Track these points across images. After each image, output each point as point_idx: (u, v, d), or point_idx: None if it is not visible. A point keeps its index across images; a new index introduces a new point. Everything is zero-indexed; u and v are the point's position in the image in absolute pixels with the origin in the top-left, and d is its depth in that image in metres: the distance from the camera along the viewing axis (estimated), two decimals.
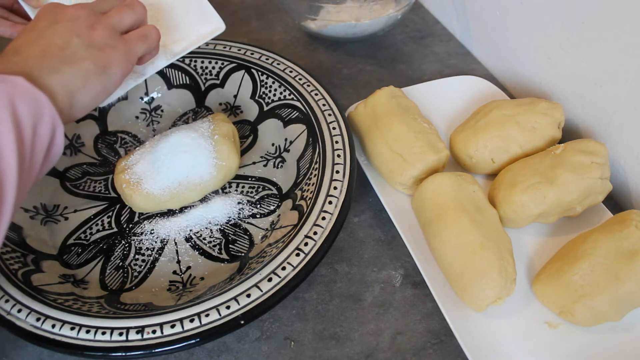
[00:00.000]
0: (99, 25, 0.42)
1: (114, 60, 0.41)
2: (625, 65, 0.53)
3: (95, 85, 0.40)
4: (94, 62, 0.40)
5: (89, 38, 0.40)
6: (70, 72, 0.39)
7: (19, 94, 0.35)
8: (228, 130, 0.58)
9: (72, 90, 0.39)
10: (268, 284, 0.44)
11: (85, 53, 0.40)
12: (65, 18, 0.41)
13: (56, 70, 0.38)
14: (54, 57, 0.39)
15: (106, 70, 0.41)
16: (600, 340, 0.45)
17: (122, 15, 0.44)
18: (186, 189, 0.55)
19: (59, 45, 0.39)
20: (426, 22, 0.85)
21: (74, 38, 0.40)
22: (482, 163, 0.57)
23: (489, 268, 0.45)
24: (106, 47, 0.41)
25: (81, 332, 0.42)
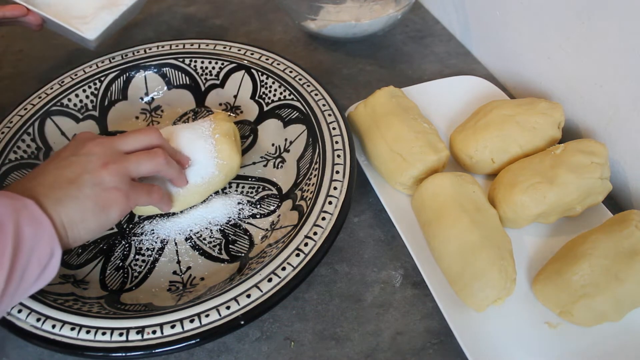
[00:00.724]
0: (112, 166, 0.44)
1: (114, 203, 0.43)
2: (625, 65, 0.53)
3: (91, 222, 0.42)
4: (95, 202, 0.42)
5: (98, 177, 0.43)
6: (72, 206, 0.41)
7: (26, 214, 0.37)
8: (229, 129, 0.58)
9: (70, 223, 0.41)
10: (268, 284, 0.44)
11: (90, 191, 0.42)
12: (83, 152, 0.44)
13: (60, 202, 0.40)
14: (62, 189, 0.41)
15: (105, 210, 0.43)
16: (600, 340, 0.45)
17: (140, 164, 0.46)
18: (188, 191, 0.54)
19: (68, 179, 0.42)
20: (426, 22, 0.85)
21: (85, 174, 0.42)
22: (482, 163, 0.57)
23: (489, 268, 0.45)
24: (112, 189, 0.43)
25: (81, 332, 0.42)
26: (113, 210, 0.43)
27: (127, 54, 0.67)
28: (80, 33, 0.65)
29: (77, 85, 0.64)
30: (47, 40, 0.84)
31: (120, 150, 0.46)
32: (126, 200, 0.44)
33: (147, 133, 0.48)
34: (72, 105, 0.63)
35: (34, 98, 0.62)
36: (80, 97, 0.64)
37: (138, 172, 0.46)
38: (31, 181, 0.41)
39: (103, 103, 0.65)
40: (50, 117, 0.61)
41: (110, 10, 0.68)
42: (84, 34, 0.65)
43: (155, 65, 0.67)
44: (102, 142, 0.45)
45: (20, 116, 0.60)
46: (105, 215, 0.43)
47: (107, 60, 0.67)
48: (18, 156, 0.57)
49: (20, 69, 0.79)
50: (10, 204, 0.37)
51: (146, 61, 0.67)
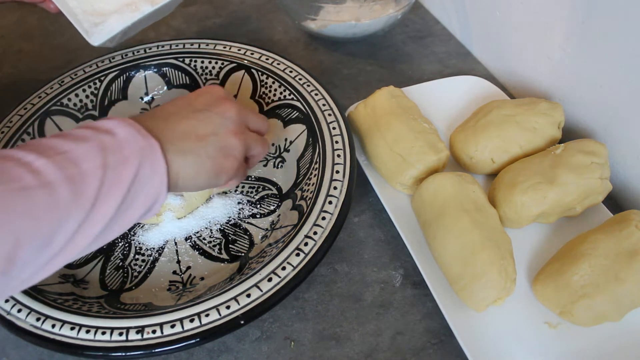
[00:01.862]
0: (239, 137, 0.44)
1: (228, 172, 0.44)
2: (625, 65, 0.53)
3: (202, 181, 0.43)
4: (214, 164, 0.43)
5: (224, 141, 0.43)
6: (192, 161, 0.41)
7: (149, 156, 0.38)
8: None
9: (182, 175, 0.41)
10: (268, 284, 0.44)
11: (213, 152, 0.42)
12: (219, 111, 0.44)
13: (182, 154, 0.41)
14: (188, 141, 0.41)
15: (218, 175, 0.43)
16: (600, 340, 0.45)
17: (256, 146, 0.47)
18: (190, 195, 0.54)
19: (197, 134, 0.42)
20: (426, 22, 0.85)
21: (214, 135, 0.43)
22: (482, 163, 0.57)
23: (489, 268, 0.45)
24: (232, 157, 0.44)
25: (81, 332, 0.42)
26: (224, 177, 0.44)
27: (127, 54, 0.67)
28: (85, 36, 0.64)
29: (77, 85, 0.64)
30: (47, 40, 0.84)
31: (247, 122, 0.47)
32: (235, 172, 0.45)
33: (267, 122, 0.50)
34: (72, 105, 0.63)
35: (34, 98, 0.62)
36: (80, 96, 0.64)
37: (251, 152, 0.47)
38: (164, 122, 0.42)
39: (103, 103, 0.65)
40: (50, 117, 0.61)
41: (122, 16, 0.64)
42: (89, 38, 0.63)
43: (155, 65, 0.67)
44: (237, 109, 0.45)
45: (20, 116, 0.60)
46: (215, 179, 0.43)
47: (107, 60, 0.67)
48: None
49: (20, 69, 0.79)
50: (140, 141, 0.38)
51: (146, 61, 0.67)
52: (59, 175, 0.33)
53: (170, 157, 0.40)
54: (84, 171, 0.34)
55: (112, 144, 0.37)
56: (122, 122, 0.38)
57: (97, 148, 0.36)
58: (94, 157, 0.35)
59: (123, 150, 0.37)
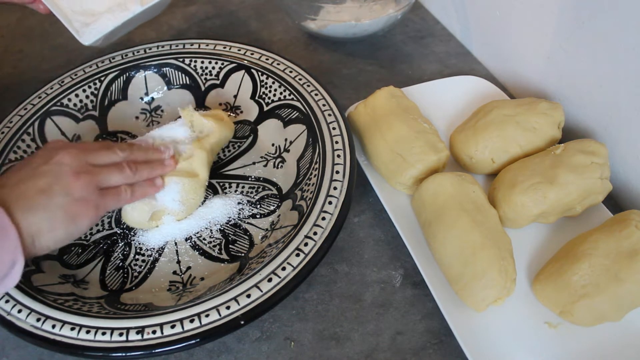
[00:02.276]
0: (83, 177, 0.44)
1: (84, 213, 0.44)
2: (625, 65, 0.53)
3: (60, 232, 0.42)
4: (65, 212, 0.42)
5: (68, 187, 0.43)
6: (42, 215, 0.41)
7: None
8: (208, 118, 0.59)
9: (38, 232, 0.41)
10: (268, 284, 0.44)
11: (60, 201, 0.42)
12: (54, 161, 0.44)
13: (30, 211, 0.41)
14: (33, 199, 0.41)
15: (75, 221, 0.43)
16: (600, 340, 0.45)
17: (110, 177, 0.47)
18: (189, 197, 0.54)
19: (40, 188, 0.42)
20: (426, 22, 0.85)
21: (55, 184, 0.43)
22: (482, 163, 0.57)
23: (489, 268, 0.45)
24: (82, 200, 0.44)
25: (81, 332, 0.42)
26: (82, 221, 0.44)
27: (127, 54, 0.67)
28: (76, 36, 0.64)
29: (77, 85, 0.64)
30: (47, 40, 0.84)
31: (93, 161, 0.47)
32: (95, 211, 0.45)
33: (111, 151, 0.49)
34: (72, 105, 0.63)
35: (34, 98, 0.62)
36: (80, 97, 0.64)
37: (108, 184, 0.47)
38: (6, 187, 0.42)
39: (103, 103, 0.65)
40: (50, 117, 0.61)
41: (113, 16, 0.65)
42: (80, 37, 0.64)
43: (155, 65, 0.67)
44: (72, 152, 0.46)
45: (20, 116, 0.60)
46: (74, 225, 0.43)
47: (107, 60, 0.67)
48: (18, 156, 0.57)
49: (20, 69, 0.79)
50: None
51: (146, 61, 0.67)
52: None
53: (20, 218, 0.40)
54: None
55: None
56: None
57: None
58: None
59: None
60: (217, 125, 0.58)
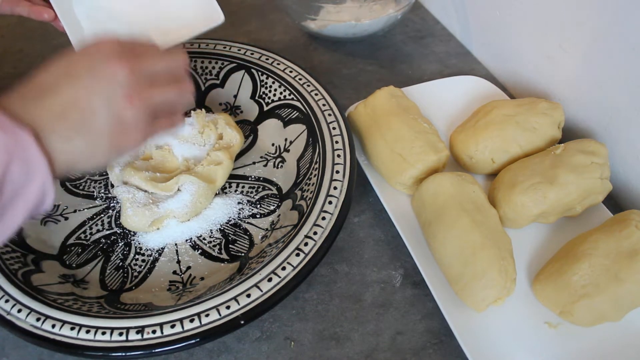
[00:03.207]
0: (138, 100, 0.36)
1: (131, 143, 0.37)
2: (625, 65, 0.53)
3: (100, 160, 0.37)
4: (111, 142, 0.36)
5: (119, 114, 0.35)
6: (82, 145, 0.35)
7: (18, 154, 0.31)
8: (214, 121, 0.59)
9: (75, 161, 0.35)
10: (268, 284, 0.44)
11: (107, 128, 0.35)
12: (106, 74, 0.35)
13: (68, 139, 0.34)
14: (72, 121, 0.34)
15: (119, 150, 0.37)
16: (600, 340, 0.45)
17: (167, 97, 0.39)
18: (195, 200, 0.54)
19: (83, 109, 0.35)
20: (426, 22, 0.85)
21: (103, 108, 0.35)
22: (482, 163, 0.57)
23: (489, 268, 0.45)
24: (132, 127, 0.36)
25: (81, 332, 0.42)
26: (126, 150, 0.38)
27: None
28: None
29: None
30: (47, 40, 0.84)
31: (147, 75, 0.37)
32: (143, 140, 0.38)
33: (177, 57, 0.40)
34: None
35: None
36: None
37: (163, 106, 0.39)
38: (38, 101, 0.34)
39: None
40: None
41: None
42: None
43: None
44: (128, 65, 0.36)
45: None
46: (116, 154, 0.37)
47: None
48: None
49: (20, 69, 0.79)
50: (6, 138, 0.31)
51: None
52: None
53: (54, 146, 0.33)
54: None
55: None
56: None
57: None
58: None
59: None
60: (240, 135, 0.59)
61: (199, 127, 0.58)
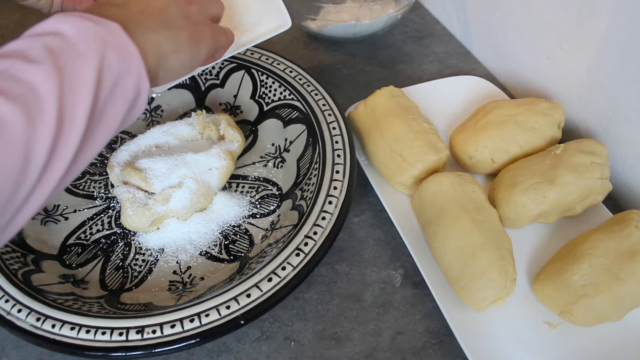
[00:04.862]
0: (195, 2, 0.41)
1: (206, 37, 0.41)
2: (625, 65, 0.53)
3: (185, 55, 0.39)
4: (189, 32, 0.39)
5: (186, 10, 0.40)
6: (167, 34, 0.37)
7: (112, 42, 0.33)
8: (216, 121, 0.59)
9: (164, 53, 0.37)
10: (268, 284, 0.44)
11: (182, 22, 0.39)
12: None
13: (153, 29, 0.36)
14: (152, 17, 0.37)
15: (198, 44, 0.40)
16: (600, 340, 0.45)
17: (216, 6, 0.45)
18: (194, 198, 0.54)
19: (157, 8, 0.38)
20: (426, 22, 0.85)
21: (172, 5, 0.39)
22: (482, 163, 0.57)
23: (489, 268, 0.45)
24: (200, 23, 0.41)
25: (81, 332, 0.42)
26: (204, 45, 0.40)
27: None
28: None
29: None
30: None
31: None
32: (213, 37, 0.42)
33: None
34: None
35: None
36: None
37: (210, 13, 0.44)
38: (114, 7, 0.36)
39: None
40: None
41: None
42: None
43: None
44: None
45: None
46: (197, 49, 0.40)
47: None
48: None
49: None
50: (95, 31, 0.32)
51: None
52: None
53: (141, 37, 0.35)
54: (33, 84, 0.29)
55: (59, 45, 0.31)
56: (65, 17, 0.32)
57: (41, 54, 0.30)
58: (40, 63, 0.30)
59: (76, 46, 0.31)
60: (241, 136, 0.59)
61: (200, 127, 0.58)
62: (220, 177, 0.56)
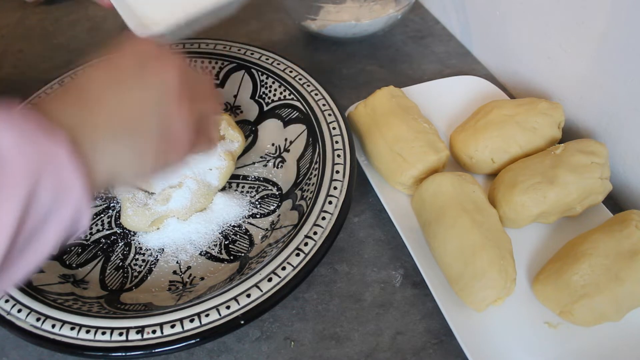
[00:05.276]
0: (186, 104, 0.34)
1: (179, 150, 0.35)
2: (625, 65, 0.53)
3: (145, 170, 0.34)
4: (158, 148, 0.33)
5: (169, 114, 0.33)
6: (130, 146, 0.32)
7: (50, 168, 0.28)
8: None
9: (118, 170, 0.32)
10: (268, 284, 0.44)
11: (157, 134, 0.32)
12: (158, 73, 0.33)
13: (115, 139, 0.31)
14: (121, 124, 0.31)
15: (165, 160, 0.34)
16: (600, 340, 0.45)
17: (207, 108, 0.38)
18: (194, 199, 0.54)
19: (133, 116, 0.32)
20: (426, 22, 0.85)
21: (154, 117, 0.32)
22: (482, 163, 0.57)
23: (489, 268, 0.45)
24: (180, 132, 0.34)
25: (81, 332, 0.42)
26: (173, 159, 0.35)
27: None
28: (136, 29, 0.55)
29: None
30: (47, 40, 0.84)
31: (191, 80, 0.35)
32: (189, 150, 0.35)
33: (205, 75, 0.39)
34: None
35: (34, 98, 0.62)
36: None
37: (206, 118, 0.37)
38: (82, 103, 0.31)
39: None
40: None
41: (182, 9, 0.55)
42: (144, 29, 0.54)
43: None
44: (178, 66, 0.34)
45: None
46: (164, 164, 0.34)
47: None
48: None
49: (20, 69, 0.79)
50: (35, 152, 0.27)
51: None
52: None
53: (93, 153, 0.30)
54: None
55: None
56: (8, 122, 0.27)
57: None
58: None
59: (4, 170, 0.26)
60: (242, 137, 0.59)
61: None
62: (220, 177, 0.56)
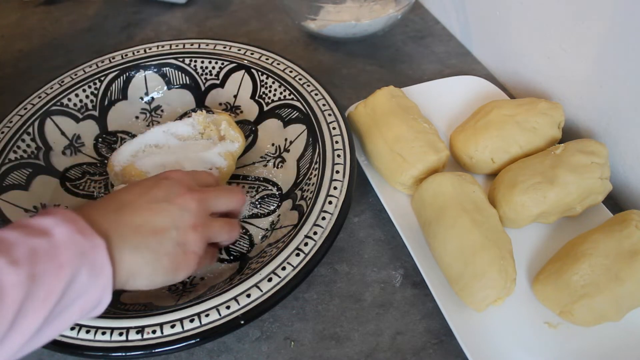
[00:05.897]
0: (199, 231, 0.41)
1: (188, 267, 0.41)
2: (625, 65, 0.53)
3: (157, 279, 0.40)
4: (171, 262, 0.40)
5: (183, 237, 0.40)
6: (147, 258, 0.39)
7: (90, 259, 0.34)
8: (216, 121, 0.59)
9: (135, 275, 0.38)
10: (268, 284, 0.44)
11: (171, 249, 0.40)
12: (179, 202, 0.41)
13: (136, 249, 0.38)
14: (144, 236, 0.39)
15: (176, 272, 0.41)
16: (600, 340, 0.45)
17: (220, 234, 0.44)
18: None
19: (154, 228, 0.39)
20: (426, 22, 0.85)
21: (173, 230, 0.40)
22: (482, 163, 0.57)
23: (489, 268, 0.45)
24: (191, 253, 0.41)
25: (81, 332, 0.42)
26: (182, 273, 0.41)
27: (127, 54, 0.67)
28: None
29: (77, 85, 0.64)
30: (47, 40, 0.84)
31: (210, 211, 0.44)
32: (197, 266, 0.42)
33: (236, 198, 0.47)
34: (72, 105, 0.63)
35: (34, 98, 0.62)
36: (80, 96, 0.64)
37: (214, 240, 0.45)
38: (116, 214, 0.39)
39: (103, 103, 0.65)
40: (50, 117, 0.61)
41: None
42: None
43: (155, 65, 0.67)
44: (198, 200, 0.42)
45: (20, 116, 0.60)
46: (173, 276, 0.41)
47: (107, 60, 0.67)
48: (18, 156, 0.57)
49: (20, 69, 0.79)
50: (80, 243, 0.34)
51: (146, 61, 0.67)
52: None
53: (121, 256, 0.37)
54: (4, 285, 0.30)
55: (44, 249, 0.33)
56: (62, 220, 0.35)
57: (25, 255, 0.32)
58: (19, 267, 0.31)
59: (58, 256, 0.33)
60: (242, 137, 0.59)
61: (200, 128, 0.58)
62: (220, 177, 0.56)
